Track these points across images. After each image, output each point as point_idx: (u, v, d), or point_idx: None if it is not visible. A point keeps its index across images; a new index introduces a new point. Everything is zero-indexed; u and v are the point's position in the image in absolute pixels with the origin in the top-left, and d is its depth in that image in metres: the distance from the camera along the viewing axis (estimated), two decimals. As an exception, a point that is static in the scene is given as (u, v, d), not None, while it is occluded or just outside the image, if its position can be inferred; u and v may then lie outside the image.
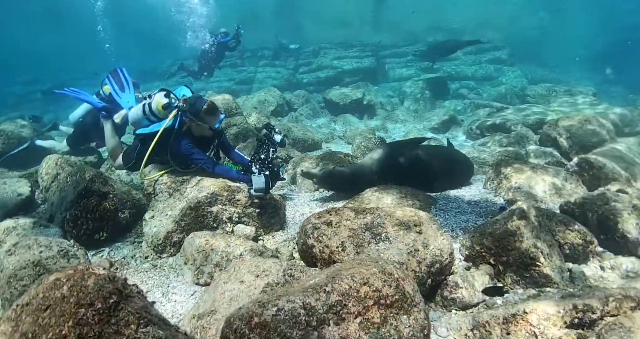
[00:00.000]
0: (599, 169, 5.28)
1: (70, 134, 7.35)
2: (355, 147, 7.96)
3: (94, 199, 4.58)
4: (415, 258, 2.86)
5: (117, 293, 1.38)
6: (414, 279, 2.41)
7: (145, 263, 4.06)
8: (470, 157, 6.90)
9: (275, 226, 4.38)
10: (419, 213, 3.27)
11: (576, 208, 4.37)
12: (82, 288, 1.34)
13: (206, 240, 3.61)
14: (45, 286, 1.38)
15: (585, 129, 7.19)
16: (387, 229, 3.02)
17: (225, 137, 5.01)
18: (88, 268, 1.48)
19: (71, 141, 7.18)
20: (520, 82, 18.31)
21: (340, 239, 2.92)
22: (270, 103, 12.28)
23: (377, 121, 12.85)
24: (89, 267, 1.49)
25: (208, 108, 4.38)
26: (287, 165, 6.70)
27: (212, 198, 4.20)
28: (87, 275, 1.39)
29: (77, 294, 1.32)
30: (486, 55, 21.38)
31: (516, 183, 4.95)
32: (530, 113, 10.04)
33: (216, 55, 14.02)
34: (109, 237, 4.53)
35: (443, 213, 4.38)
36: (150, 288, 3.59)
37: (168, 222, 4.22)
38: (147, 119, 4.88)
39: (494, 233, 3.42)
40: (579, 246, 3.77)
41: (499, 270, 3.41)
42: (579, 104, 11.07)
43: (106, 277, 1.41)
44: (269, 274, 2.44)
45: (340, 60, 20.02)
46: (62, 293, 1.32)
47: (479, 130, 9.81)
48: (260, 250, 3.54)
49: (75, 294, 1.32)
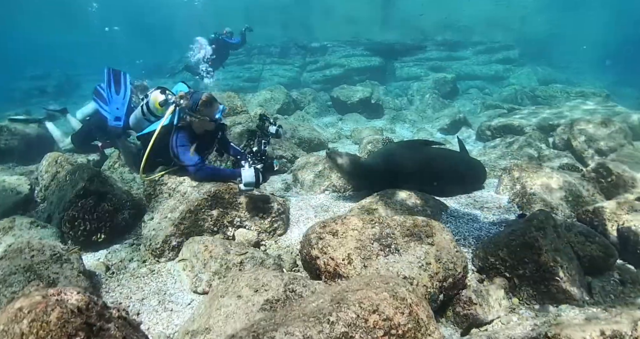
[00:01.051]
0: (617, 176, 5.05)
1: (75, 131, 7.25)
2: (362, 147, 7.77)
3: (92, 200, 4.44)
4: (427, 272, 2.67)
5: (85, 329, 1.20)
6: (427, 299, 2.22)
7: (143, 268, 3.91)
8: (481, 160, 6.69)
9: (279, 230, 4.19)
10: (431, 223, 3.06)
11: (595, 217, 4.16)
12: (43, 324, 1.15)
13: (205, 246, 3.44)
14: (8, 316, 1.20)
15: (602, 132, 6.95)
16: (397, 240, 2.82)
17: (225, 134, 4.89)
18: (59, 293, 1.29)
19: (76, 139, 7.06)
20: (531, 82, 18.03)
21: (346, 251, 2.73)
22: (277, 101, 12.10)
23: (384, 120, 12.62)
24: (60, 291, 1.30)
25: (205, 99, 4.27)
26: (284, 160, 6.48)
27: (213, 201, 4.03)
28: (51, 307, 1.20)
29: (36, 332, 1.14)
30: (496, 54, 21.08)
31: (531, 189, 4.73)
32: (542, 115, 9.78)
33: (220, 55, 13.87)
34: (107, 238, 4.38)
35: (454, 220, 4.17)
36: (147, 294, 3.43)
37: (167, 225, 4.06)
38: (147, 120, 4.78)
39: (510, 245, 3.21)
40: (599, 258, 3.56)
41: (514, 283, 3.21)
42: (592, 105, 10.78)
43: (75, 308, 1.22)
44: (269, 289, 2.25)
45: (348, 58, 19.78)
46: (21, 329, 1.14)
47: (489, 131, 9.57)
48: (262, 258, 3.36)
49: (35, 331, 1.14)
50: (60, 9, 31.63)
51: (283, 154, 6.66)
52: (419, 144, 5.28)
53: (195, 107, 4.24)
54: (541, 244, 3.14)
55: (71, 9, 30.80)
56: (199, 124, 4.35)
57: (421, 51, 19.61)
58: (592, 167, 5.36)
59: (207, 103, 4.28)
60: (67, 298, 1.28)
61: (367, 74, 18.68)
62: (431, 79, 16.13)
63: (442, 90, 15.35)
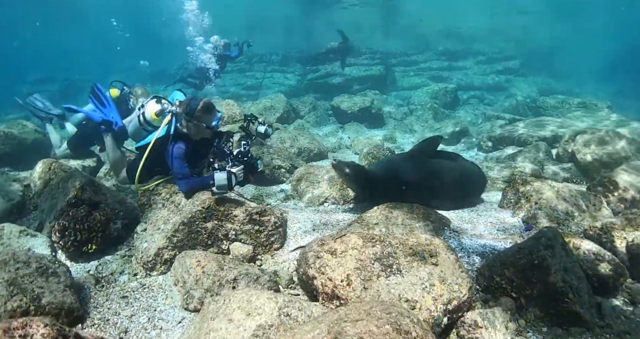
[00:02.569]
0: (625, 190, 4.91)
1: (71, 136, 7.17)
2: (362, 157, 7.64)
3: (84, 209, 4.31)
4: (430, 295, 2.51)
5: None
6: (431, 324, 2.07)
7: (134, 281, 3.76)
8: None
9: (275, 244, 4.04)
10: (434, 241, 2.92)
11: (603, 234, 4.01)
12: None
13: (197, 261, 3.30)
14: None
15: (606, 144, 6.82)
16: (399, 260, 2.68)
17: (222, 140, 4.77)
18: (24, 326, 1.14)
19: (72, 144, 6.99)
20: (532, 93, 17.95)
21: (345, 272, 2.57)
22: (277, 110, 11.99)
23: (385, 130, 12.51)
24: (25, 324, 1.16)
25: (204, 106, 4.17)
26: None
27: (208, 213, 3.89)
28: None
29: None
30: (497, 65, 21.06)
31: (536, 203, 4.59)
32: (544, 126, 9.65)
33: (218, 67, 13.83)
34: (99, 249, 4.23)
35: (457, 236, 4.03)
36: (136, 311, 3.30)
37: (159, 237, 3.93)
38: (144, 130, 4.69)
39: (517, 263, 3.07)
40: (609, 278, 3.42)
41: (521, 304, 3.07)
42: (594, 117, 10.68)
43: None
44: (262, 312, 2.10)
45: (349, 67, 19.72)
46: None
47: (490, 142, 9.45)
48: (257, 274, 3.21)
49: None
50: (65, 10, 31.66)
51: (282, 164, 6.52)
52: (423, 155, 5.14)
53: (192, 113, 4.13)
54: (550, 263, 2.99)
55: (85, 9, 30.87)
56: (195, 130, 4.24)
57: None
58: (598, 181, 5.23)
59: (206, 109, 4.18)
60: (33, 332, 1.14)
61: (368, 83, 18.59)
62: (432, 88, 16.05)
63: (443, 100, 15.25)
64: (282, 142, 7.97)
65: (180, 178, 4.18)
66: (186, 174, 4.17)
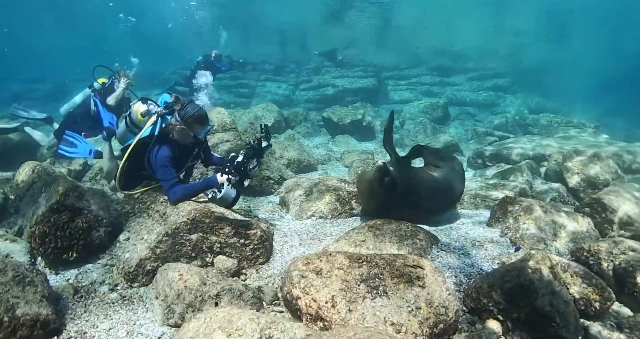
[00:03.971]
0: (612, 212, 4.93)
1: (58, 126, 7.09)
2: (352, 170, 7.61)
3: (66, 215, 4.18)
4: (416, 318, 2.46)
5: None
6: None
7: (114, 293, 3.66)
8: (471, 189, 6.56)
9: (261, 258, 3.97)
10: (422, 262, 2.87)
11: (590, 256, 4.01)
12: None
13: (180, 274, 3.21)
14: None
15: (594, 164, 6.87)
16: (385, 282, 2.62)
17: (207, 145, 4.75)
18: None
19: (59, 133, 6.90)
20: (522, 111, 18.17)
21: (330, 293, 2.51)
22: (267, 119, 11.94)
23: (376, 143, 12.53)
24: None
25: (199, 115, 4.11)
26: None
27: (192, 225, 3.81)
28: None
29: None
30: (488, 82, 21.30)
31: (524, 224, 4.58)
32: (534, 144, 9.73)
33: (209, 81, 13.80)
34: (80, 257, 4.11)
35: (445, 255, 3.99)
36: (115, 324, 3.19)
37: (142, 247, 3.84)
38: (130, 132, 4.60)
39: (505, 286, 3.03)
40: (596, 302, 3.39)
41: (508, 327, 3.02)
42: (583, 136, 10.81)
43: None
44: (243, 334, 2.03)
45: (342, 79, 19.82)
46: None
47: (480, 159, 9.49)
48: (240, 290, 3.13)
49: None
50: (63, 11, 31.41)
51: (270, 175, 6.45)
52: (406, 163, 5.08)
53: (185, 117, 4.06)
54: (537, 286, 2.97)
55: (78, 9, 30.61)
56: (181, 135, 4.17)
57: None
58: (586, 202, 5.24)
59: (199, 119, 4.12)
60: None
61: (360, 95, 18.70)
62: (423, 103, 16.17)
63: (433, 115, 15.36)
64: (271, 153, 7.92)
65: (168, 187, 4.06)
66: (174, 182, 4.07)
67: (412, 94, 19.88)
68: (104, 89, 6.94)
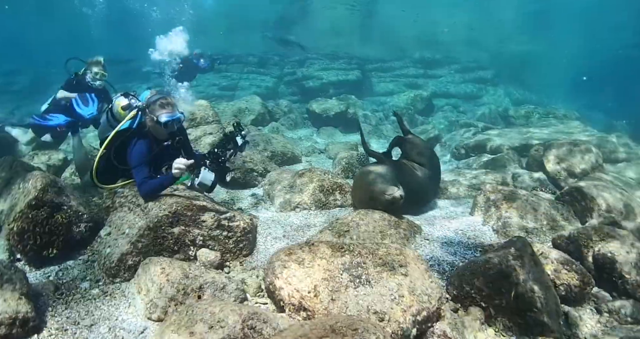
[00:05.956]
0: (591, 200, 5.00)
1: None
2: (336, 162, 7.60)
3: (45, 211, 4.08)
4: (399, 306, 2.47)
5: None
6: (399, 336, 2.02)
7: (95, 289, 3.60)
8: (454, 179, 6.61)
9: (244, 250, 3.94)
10: (404, 251, 2.88)
11: (570, 243, 4.07)
12: None
13: (162, 268, 3.17)
14: None
15: (575, 154, 6.96)
16: (368, 270, 2.62)
17: (187, 141, 4.68)
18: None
19: (35, 128, 6.79)
20: (504, 102, 18.33)
21: (312, 283, 2.50)
22: (251, 112, 11.84)
23: (359, 135, 12.51)
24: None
25: (160, 99, 4.11)
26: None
27: (174, 218, 3.76)
28: None
29: None
30: (471, 74, 21.41)
31: (506, 212, 4.63)
32: (516, 135, 9.83)
33: (188, 76, 13.71)
34: (61, 253, 4.02)
35: (428, 244, 4.02)
36: (97, 320, 3.14)
37: (124, 242, 3.77)
38: (111, 126, 4.52)
39: (487, 274, 3.07)
40: (576, 287, 3.45)
41: (490, 314, 3.06)
42: (563, 127, 10.95)
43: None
44: (225, 325, 2.01)
45: (326, 71, 19.74)
46: None
47: (463, 150, 9.55)
48: (223, 282, 3.10)
49: None
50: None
51: (254, 168, 6.41)
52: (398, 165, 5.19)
53: (148, 105, 4.08)
54: (518, 273, 3.00)
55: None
56: (153, 127, 4.15)
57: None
58: (566, 191, 5.32)
59: (160, 103, 4.10)
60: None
61: (344, 87, 18.63)
62: (407, 95, 16.20)
63: (417, 107, 15.41)
64: (255, 145, 7.86)
65: (139, 181, 4.02)
66: (144, 176, 4.01)
67: (397, 86, 19.90)
68: (77, 81, 6.84)
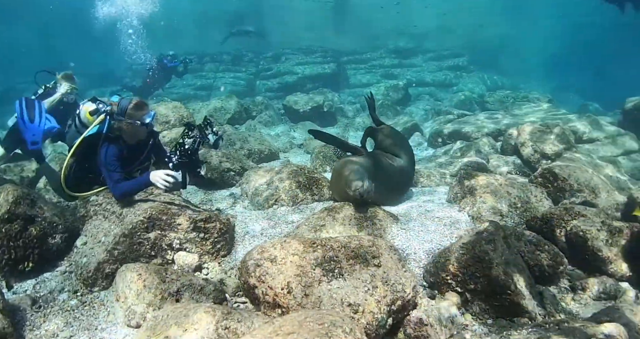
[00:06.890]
0: (563, 181, 5.11)
1: (4, 137, 6.71)
2: (314, 156, 7.61)
3: (18, 224, 3.99)
4: (373, 297, 2.49)
5: None
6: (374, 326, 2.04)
7: (73, 299, 3.55)
8: (431, 166, 6.68)
9: (222, 251, 3.93)
10: (377, 242, 2.90)
11: (543, 224, 4.17)
12: None
13: (138, 274, 3.14)
14: None
15: (547, 136, 7.10)
16: (341, 264, 2.64)
17: (160, 145, 4.66)
18: None
19: (6, 142, 6.52)
20: (480, 89, 18.54)
21: (285, 279, 2.51)
22: (228, 110, 11.76)
23: (337, 128, 12.56)
24: None
25: (136, 103, 4.10)
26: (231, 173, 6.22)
27: (150, 223, 3.73)
28: None
29: None
30: (446, 62, 21.61)
31: (481, 197, 4.70)
32: (490, 120, 9.97)
33: (162, 78, 13.57)
34: (37, 266, 3.95)
35: (405, 233, 4.05)
36: (76, 331, 3.11)
37: (100, 251, 3.73)
38: (78, 133, 4.44)
39: (460, 259, 3.12)
40: (549, 267, 3.54)
41: (467, 299, 3.11)
42: (537, 110, 11.12)
43: None
44: (199, 327, 2.01)
45: (302, 66, 19.70)
46: None
47: (440, 138, 9.66)
48: (201, 284, 3.10)
49: None
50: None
51: (231, 167, 6.37)
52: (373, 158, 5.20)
53: (124, 111, 4.03)
54: (491, 257, 3.06)
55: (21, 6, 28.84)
56: (130, 131, 4.10)
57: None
58: (539, 173, 5.42)
59: (137, 106, 4.09)
60: None
61: (320, 81, 18.64)
62: (383, 85, 16.27)
63: (394, 96, 15.49)
64: (231, 144, 7.81)
65: (112, 183, 3.99)
66: (118, 179, 3.98)
67: (373, 77, 20.01)
68: (46, 94, 6.58)
